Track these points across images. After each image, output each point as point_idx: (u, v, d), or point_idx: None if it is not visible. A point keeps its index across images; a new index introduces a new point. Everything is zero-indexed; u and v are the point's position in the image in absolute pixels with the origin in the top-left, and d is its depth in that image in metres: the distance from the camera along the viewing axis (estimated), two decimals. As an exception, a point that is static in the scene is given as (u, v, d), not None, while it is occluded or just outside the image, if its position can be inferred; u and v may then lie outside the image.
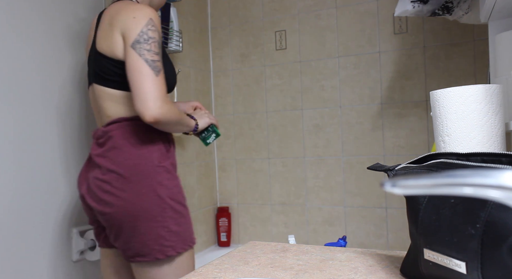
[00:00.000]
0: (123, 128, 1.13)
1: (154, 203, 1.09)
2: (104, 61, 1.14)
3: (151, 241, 1.09)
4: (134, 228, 1.09)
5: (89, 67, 1.23)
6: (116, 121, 1.13)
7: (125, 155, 1.10)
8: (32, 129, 1.34)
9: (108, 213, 1.10)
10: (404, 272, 0.56)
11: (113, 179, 1.09)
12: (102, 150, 1.14)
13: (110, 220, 1.11)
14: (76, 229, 1.47)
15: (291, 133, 2.18)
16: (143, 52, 1.08)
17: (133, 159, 1.10)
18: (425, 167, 0.53)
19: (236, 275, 0.60)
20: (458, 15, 1.36)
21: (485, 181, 0.22)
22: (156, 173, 1.11)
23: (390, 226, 1.97)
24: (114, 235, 1.13)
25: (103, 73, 1.14)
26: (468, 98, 0.64)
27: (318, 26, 2.12)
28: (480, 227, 0.42)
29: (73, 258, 1.46)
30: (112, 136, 1.12)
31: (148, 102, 1.04)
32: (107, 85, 1.15)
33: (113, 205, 1.09)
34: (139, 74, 1.05)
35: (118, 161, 1.10)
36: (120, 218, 1.09)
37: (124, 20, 1.10)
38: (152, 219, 1.09)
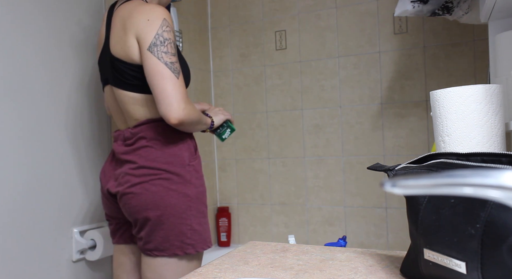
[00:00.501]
0: (153, 129, 1.16)
1: (181, 200, 1.13)
2: (121, 66, 1.15)
3: (173, 237, 1.12)
4: (159, 221, 1.12)
5: (104, 68, 1.24)
6: (144, 123, 1.16)
7: (157, 153, 1.14)
8: (34, 130, 1.34)
9: (135, 205, 1.13)
10: (404, 272, 0.56)
11: (145, 173, 1.13)
12: (131, 148, 1.17)
13: (138, 212, 1.13)
14: (76, 229, 1.47)
15: (291, 133, 2.18)
16: (161, 55, 1.08)
17: (166, 157, 1.14)
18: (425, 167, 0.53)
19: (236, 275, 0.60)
20: (458, 15, 1.36)
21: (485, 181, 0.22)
22: (186, 171, 1.15)
23: (390, 226, 1.97)
24: (139, 226, 1.16)
25: (123, 78, 1.16)
26: (468, 98, 0.64)
27: (318, 26, 2.12)
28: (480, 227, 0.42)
29: (73, 258, 1.46)
30: (143, 137, 1.16)
31: (172, 106, 1.07)
32: (128, 90, 1.16)
33: (143, 197, 1.12)
34: (161, 78, 1.07)
35: (150, 158, 1.13)
36: (148, 210, 1.12)
37: (138, 23, 1.10)
38: (177, 216, 1.12)
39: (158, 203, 1.12)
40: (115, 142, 1.25)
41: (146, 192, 1.12)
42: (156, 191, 1.12)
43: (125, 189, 1.14)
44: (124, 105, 1.19)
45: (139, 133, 1.16)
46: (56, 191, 1.41)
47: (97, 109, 1.59)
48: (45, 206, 1.37)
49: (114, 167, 1.24)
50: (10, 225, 1.26)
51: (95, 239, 1.48)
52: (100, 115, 1.60)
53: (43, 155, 1.37)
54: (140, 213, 1.13)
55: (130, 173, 1.14)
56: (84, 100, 1.54)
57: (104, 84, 1.28)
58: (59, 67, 1.44)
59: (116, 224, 1.31)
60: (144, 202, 1.12)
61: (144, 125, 1.16)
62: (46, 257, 1.37)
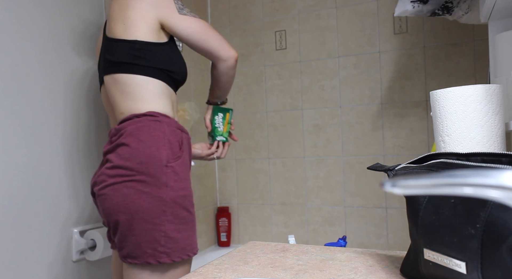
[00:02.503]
0: (134, 125, 1.09)
1: (154, 204, 1.04)
2: (125, 45, 1.10)
3: (144, 244, 1.04)
4: (130, 226, 1.05)
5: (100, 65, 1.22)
6: (128, 118, 1.10)
7: (132, 152, 1.06)
8: (34, 130, 1.34)
9: (107, 207, 1.07)
10: (404, 272, 0.56)
11: (118, 174, 1.06)
12: (112, 146, 1.11)
13: (109, 215, 1.07)
14: (76, 229, 1.47)
15: (291, 133, 2.18)
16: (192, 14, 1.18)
17: (140, 157, 1.06)
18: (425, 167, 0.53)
19: (236, 275, 0.60)
20: (458, 15, 1.36)
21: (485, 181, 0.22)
22: (162, 173, 1.07)
23: (390, 226, 1.97)
24: (113, 230, 1.10)
25: (119, 59, 1.11)
26: (468, 98, 0.64)
27: (318, 26, 2.12)
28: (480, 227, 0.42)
29: (73, 258, 1.46)
30: (123, 133, 1.09)
31: (225, 46, 1.19)
32: (121, 71, 1.11)
33: (115, 199, 1.05)
34: (206, 32, 1.17)
35: (125, 157, 1.06)
36: (118, 213, 1.05)
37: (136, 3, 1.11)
38: (150, 221, 1.04)
39: (128, 207, 1.04)
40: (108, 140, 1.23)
41: (118, 193, 1.05)
42: (127, 194, 1.04)
43: (99, 189, 1.09)
44: (112, 96, 1.14)
45: (121, 130, 1.10)
46: (56, 191, 1.41)
47: (96, 110, 1.59)
48: (45, 206, 1.37)
49: (100, 167, 1.19)
50: (10, 225, 1.26)
51: (95, 239, 1.48)
52: (99, 115, 1.60)
53: (43, 154, 1.37)
54: (111, 216, 1.07)
55: (105, 173, 1.09)
56: (84, 101, 1.54)
57: (101, 84, 1.25)
58: (57, 68, 1.44)
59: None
60: (115, 205, 1.05)
61: (127, 122, 1.10)
62: (46, 257, 1.37)
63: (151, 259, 1.04)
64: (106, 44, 1.15)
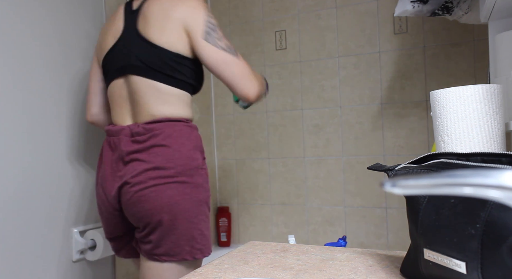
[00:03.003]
0: (170, 128, 1.11)
1: (194, 205, 1.11)
2: (162, 53, 1.10)
3: (183, 242, 1.10)
4: (172, 226, 1.09)
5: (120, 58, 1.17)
6: (161, 120, 1.11)
7: (174, 154, 1.09)
8: (34, 130, 1.34)
9: (149, 208, 1.09)
10: (404, 272, 0.56)
11: (161, 175, 1.08)
12: (143, 146, 1.10)
13: (151, 216, 1.09)
14: (76, 229, 1.47)
15: (291, 133, 2.18)
16: (217, 42, 1.11)
17: (183, 159, 1.10)
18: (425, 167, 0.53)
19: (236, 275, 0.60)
20: (458, 15, 1.36)
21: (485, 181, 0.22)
22: (197, 174, 1.12)
23: (390, 226, 1.97)
24: (150, 230, 1.11)
25: (155, 66, 1.11)
26: (468, 98, 0.64)
27: (318, 26, 2.12)
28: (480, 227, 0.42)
29: (73, 258, 1.46)
30: (158, 135, 1.10)
31: (247, 85, 1.12)
32: (157, 79, 1.12)
33: (156, 200, 1.08)
34: (226, 65, 1.11)
35: (166, 159, 1.09)
36: (162, 213, 1.08)
37: (184, 12, 1.11)
38: (189, 220, 1.10)
39: (172, 207, 1.08)
40: (113, 136, 1.17)
41: (162, 195, 1.08)
42: (171, 195, 1.08)
43: (139, 190, 1.09)
44: (141, 97, 1.13)
45: (154, 131, 1.10)
46: (56, 191, 1.41)
47: (97, 109, 1.59)
48: (45, 206, 1.37)
49: (116, 169, 1.15)
50: (10, 225, 1.26)
51: (95, 239, 1.48)
52: (100, 115, 1.60)
53: (43, 155, 1.37)
54: (153, 216, 1.09)
55: (144, 174, 1.09)
56: (84, 101, 1.54)
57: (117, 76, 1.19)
58: (59, 69, 1.44)
59: (120, 242, 1.24)
60: (159, 205, 1.08)
61: (161, 123, 1.11)
62: (46, 257, 1.37)
63: (188, 256, 1.11)
64: (140, 45, 1.13)
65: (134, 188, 1.09)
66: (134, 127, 1.12)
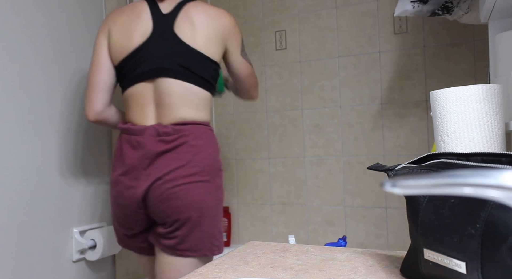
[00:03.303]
0: (198, 131, 1.19)
1: (216, 203, 1.19)
2: (209, 64, 1.20)
3: (206, 239, 1.17)
4: (198, 223, 1.16)
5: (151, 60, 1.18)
6: (188, 123, 1.18)
7: (201, 154, 1.17)
8: (35, 130, 1.34)
9: (179, 205, 1.14)
10: (404, 272, 0.56)
11: (191, 173, 1.15)
12: (172, 145, 1.16)
13: (181, 212, 1.14)
14: (76, 229, 1.47)
15: (291, 133, 2.18)
16: (248, 58, 1.34)
17: (208, 159, 1.18)
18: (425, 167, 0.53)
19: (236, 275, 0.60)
20: (458, 15, 1.36)
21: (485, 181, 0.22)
22: (218, 176, 1.22)
23: (390, 226, 1.97)
24: (177, 226, 1.15)
25: (205, 75, 1.20)
26: (468, 98, 0.64)
27: (318, 26, 2.12)
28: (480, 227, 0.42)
29: (73, 258, 1.46)
30: (187, 135, 1.17)
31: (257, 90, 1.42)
32: (193, 82, 1.19)
33: (187, 198, 1.14)
34: (251, 77, 1.36)
35: (195, 159, 1.16)
36: (190, 210, 1.14)
37: (228, 27, 1.24)
38: (212, 218, 1.18)
39: (200, 205, 1.15)
40: (135, 135, 1.18)
41: (192, 193, 1.15)
42: (199, 193, 1.15)
43: (171, 188, 1.14)
44: (172, 100, 1.17)
45: (183, 132, 1.16)
46: (56, 191, 1.41)
47: (97, 109, 1.59)
48: (45, 206, 1.37)
49: (142, 167, 1.17)
50: (10, 225, 1.26)
51: (95, 239, 1.48)
52: (100, 115, 1.60)
53: (43, 155, 1.37)
54: (183, 213, 1.14)
55: (175, 172, 1.14)
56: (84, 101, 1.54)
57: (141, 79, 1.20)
58: (61, 70, 1.44)
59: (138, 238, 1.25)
60: (189, 203, 1.14)
61: (189, 126, 1.17)
62: (46, 257, 1.36)
63: (208, 252, 1.18)
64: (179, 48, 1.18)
65: (166, 185, 1.14)
66: (161, 127, 1.16)
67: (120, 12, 1.24)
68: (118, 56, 1.22)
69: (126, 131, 1.20)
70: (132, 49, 1.19)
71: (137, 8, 1.23)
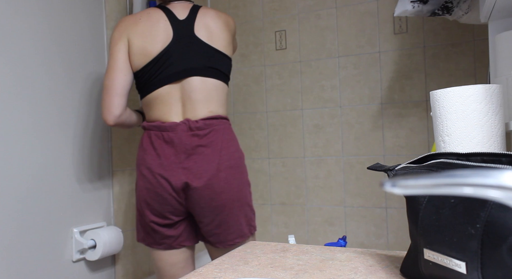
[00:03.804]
0: (224, 125, 1.29)
1: (248, 191, 1.33)
2: (226, 59, 1.33)
3: (245, 222, 1.30)
4: (240, 211, 1.28)
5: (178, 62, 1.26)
6: (215, 117, 1.28)
7: (232, 148, 1.28)
8: (35, 130, 1.34)
9: (224, 198, 1.24)
10: (404, 272, 0.56)
11: (227, 166, 1.25)
12: (207, 140, 1.25)
13: (221, 206, 1.24)
14: (76, 229, 1.47)
15: (291, 133, 2.18)
16: None
17: (238, 152, 1.30)
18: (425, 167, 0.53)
19: (236, 275, 0.60)
20: (458, 15, 1.36)
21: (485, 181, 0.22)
22: (244, 164, 1.33)
23: (390, 226, 1.97)
24: (221, 218, 1.25)
25: (225, 71, 1.33)
26: (468, 98, 0.64)
27: (318, 26, 2.12)
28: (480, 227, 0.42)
29: (73, 258, 1.46)
30: (218, 129, 1.27)
31: None
32: (222, 80, 1.32)
33: (228, 188, 1.25)
34: None
35: (230, 151, 1.27)
36: (233, 202, 1.25)
37: (234, 30, 1.40)
38: (248, 204, 1.32)
39: (240, 195, 1.28)
40: (166, 131, 1.25)
41: (232, 184, 1.25)
42: (238, 184, 1.27)
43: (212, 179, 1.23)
44: (200, 96, 1.27)
45: (213, 126, 1.26)
46: (56, 191, 1.41)
47: (97, 110, 1.59)
48: (45, 206, 1.37)
49: (179, 161, 1.24)
50: (10, 225, 1.26)
51: (95, 239, 1.48)
52: (100, 115, 1.60)
53: (44, 155, 1.37)
54: (223, 207, 1.24)
55: (215, 164, 1.23)
56: (85, 102, 1.54)
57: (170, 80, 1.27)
58: (62, 71, 1.44)
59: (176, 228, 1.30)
60: (231, 193, 1.25)
61: (216, 120, 1.27)
62: (46, 257, 1.37)
63: (248, 233, 1.32)
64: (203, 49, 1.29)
65: (207, 177, 1.22)
66: (192, 122, 1.25)
67: (136, 20, 1.30)
68: (139, 63, 1.28)
69: (156, 128, 1.27)
70: (155, 55, 1.26)
71: (153, 15, 1.30)
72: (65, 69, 1.46)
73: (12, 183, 1.27)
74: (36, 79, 1.36)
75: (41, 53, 1.38)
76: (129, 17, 1.32)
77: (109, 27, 1.66)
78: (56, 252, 1.40)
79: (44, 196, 1.37)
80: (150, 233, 1.31)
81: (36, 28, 1.36)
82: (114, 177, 1.66)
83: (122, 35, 1.29)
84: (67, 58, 1.47)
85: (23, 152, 1.31)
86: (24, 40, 1.32)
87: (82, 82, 1.53)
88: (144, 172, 1.27)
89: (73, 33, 1.50)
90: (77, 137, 1.50)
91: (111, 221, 1.64)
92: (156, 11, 1.31)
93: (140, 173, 1.28)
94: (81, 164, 1.51)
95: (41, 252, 1.35)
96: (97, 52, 1.60)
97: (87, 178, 1.53)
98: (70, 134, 1.47)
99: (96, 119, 1.58)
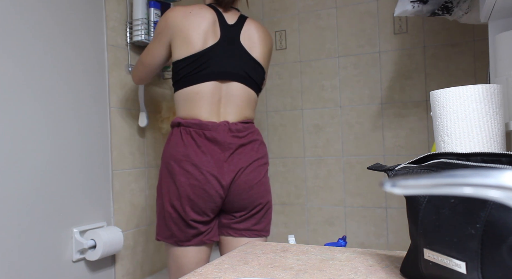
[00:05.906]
0: (255, 128, 1.41)
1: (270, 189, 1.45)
2: (261, 71, 1.41)
3: (269, 220, 1.42)
4: (270, 206, 1.41)
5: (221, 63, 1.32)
6: (250, 121, 1.39)
7: (263, 148, 1.40)
8: (35, 131, 1.34)
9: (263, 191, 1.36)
10: (404, 272, 0.56)
11: (262, 164, 1.38)
12: (247, 141, 1.34)
13: (262, 197, 1.36)
14: (76, 229, 1.47)
15: (291, 133, 2.18)
16: None
17: (266, 152, 1.42)
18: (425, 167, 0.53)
19: (236, 275, 0.60)
20: (458, 15, 1.36)
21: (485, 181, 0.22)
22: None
23: (390, 226, 1.97)
24: (257, 210, 1.36)
25: (258, 81, 1.40)
26: (468, 98, 0.64)
27: (318, 26, 2.12)
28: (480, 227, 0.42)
29: (73, 258, 1.46)
30: (253, 132, 1.37)
31: None
32: (255, 90, 1.40)
33: (266, 185, 1.38)
34: None
35: (263, 151, 1.39)
36: (267, 196, 1.38)
37: (271, 46, 1.47)
38: (271, 201, 1.43)
39: (269, 191, 1.41)
40: (208, 130, 1.29)
41: (266, 180, 1.39)
42: (268, 180, 1.41)
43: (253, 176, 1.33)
44: (239, 101, 1.35)
45: (250, 129, 1.36)
46: (56, 191, 1.41)
47: (98, 110, 1.59)
48: (45, 206, 1.37)
49: (224, 159, 1.29)
50: (10, 225, 1.26)
51: (95, 239, 1.48)
52: (101, 116, 1.60)
53: (44, 155, 1.37)
54: (263, 197, 1.36)
55: (254, 163, 1.34)
56: (85, 102, 1.54)
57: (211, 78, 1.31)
58: (61, 71, 1.44)
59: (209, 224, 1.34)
60: (267, 189, 1.38)
61: (250, 124, 1.38)
62: (46, 257, 1.37)
63: (267, 233, 1.42)
64: (246, 58, 1.37)
65: (250, 174, 1.32)
66: (232, 125, 1.32)
67: (187, 12, 1.33)
68: (183, 52, 1.31)
69: (197, 126, 1.29)
70: (199, 50, 1.30)
71: (204, 12, 1.34)
72: (65, 69, 1.46)
73: (12, 183, 1.27)
74: (35, 79, 1.36)
75: (41, 53, 1.38)
76: (179, 8, 1.35)
77: (109, 27, 1.66)
78: (56, 252, 1.40)
79: (44, 196, 1.37)
80: (183, 230, 1.29)
81: (36, 28, 1.36)
82: (114, 177, 1.66)
83: (170, 22, 1.33)
84: (67, 58, 1.47)
85: (23, 152, 1.31)
86: (24, 40, 1.32)
87: (81, 83, 1.53)
88: (189, 168, 1.26)
89: (73, 33, 1.50)
90: (77, 138, 1.50)
91: (111, 221, 1.64)
92: (208, 9, 1.35)
93: (182, 169, 1.27)
94: (81, 164, 1.51)
95: (41, 252, 1.35)
96: (97, 52, 1.60)
97: (87, 178, 1.53)
98: (70, 135, 1.48)
99: (96, 119, 1.58)
